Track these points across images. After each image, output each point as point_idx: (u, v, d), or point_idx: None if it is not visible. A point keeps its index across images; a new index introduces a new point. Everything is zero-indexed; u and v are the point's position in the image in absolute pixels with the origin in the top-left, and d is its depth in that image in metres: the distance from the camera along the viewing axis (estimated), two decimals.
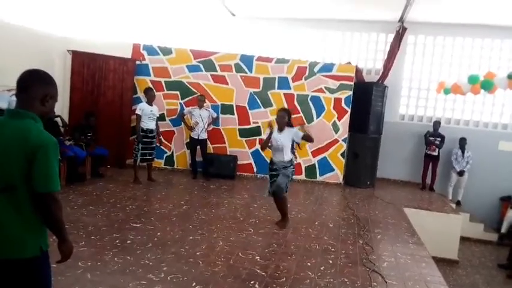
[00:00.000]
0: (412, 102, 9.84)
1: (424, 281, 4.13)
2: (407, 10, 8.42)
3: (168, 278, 3.65)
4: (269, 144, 5.38)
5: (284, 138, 5.26)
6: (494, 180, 9.13)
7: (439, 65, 9.58)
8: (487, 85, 7.42)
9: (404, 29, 9.32)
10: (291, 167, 5.39)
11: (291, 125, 5.40)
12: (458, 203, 9.19)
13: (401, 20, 9.20)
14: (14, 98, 5.33)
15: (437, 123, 9.09)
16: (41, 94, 2.00)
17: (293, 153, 5.43)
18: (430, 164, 9.11)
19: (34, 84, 2.00)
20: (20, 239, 1.93)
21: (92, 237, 4.49)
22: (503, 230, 8.73)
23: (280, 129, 5.33)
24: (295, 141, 5.32)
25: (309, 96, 8.62)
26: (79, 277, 3.51)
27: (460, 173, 9.03)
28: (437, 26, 9.33)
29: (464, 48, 9.45)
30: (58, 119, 7.02)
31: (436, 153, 9.02)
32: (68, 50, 8.25)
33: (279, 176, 5.30)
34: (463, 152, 9.01)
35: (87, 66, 8.34)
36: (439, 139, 8.97)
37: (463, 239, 7.95)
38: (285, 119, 5.32)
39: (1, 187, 1.89)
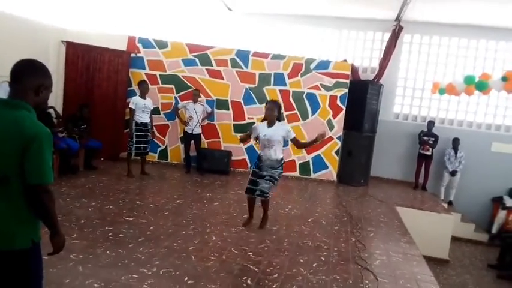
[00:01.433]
0: (406, 101, 9.87)
1: (415, 280, 4.16)
2: (404, 9, 8.44)
3: (161, 272, 3.63)
4: (256, 140, 4.89)
5: (273, 134, 4.73)
6: (487, 181, 9.19)
7: (434, 65, 9.61)
8: (482, 86, 7.45)
9: (400, 28, 9.33)
10: (280, 168, 4.87)
11: (281, 119, 4.96)
12: (450, 203, 9.25)
13: (398, 19, 9.21)
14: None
15: (431, 123, 9.13)
16: (35, 84, 1.97)
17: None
18: (424, 163, 9.16)
19: (28, 74, 1.97)
20: (11, 230, 1.91)
21: (84, 230, 4.46)
22: (494, 230, 8.83)
23: (270, 124, 4.80)
24: (285, 139, 4.81)
25: (305, 93, 8.61)
26: (71, 269, 3.49)
27: (453, 173, 9.09)
28: (433, 26, 9.36)
29: (460, 49, 9.49)
30: (51, 110, 6.95)
31: (429, 153, 9.06)
32: (62, 41, 8.16)
33: (263, 179, 4.75)
34: (456, 152, 9.07)
35: (82, 58, 8.25)
36: (432, 139, 9.02)
37: (454, 239, 8.01)
38: (274, 112, 4.73)
39: None
